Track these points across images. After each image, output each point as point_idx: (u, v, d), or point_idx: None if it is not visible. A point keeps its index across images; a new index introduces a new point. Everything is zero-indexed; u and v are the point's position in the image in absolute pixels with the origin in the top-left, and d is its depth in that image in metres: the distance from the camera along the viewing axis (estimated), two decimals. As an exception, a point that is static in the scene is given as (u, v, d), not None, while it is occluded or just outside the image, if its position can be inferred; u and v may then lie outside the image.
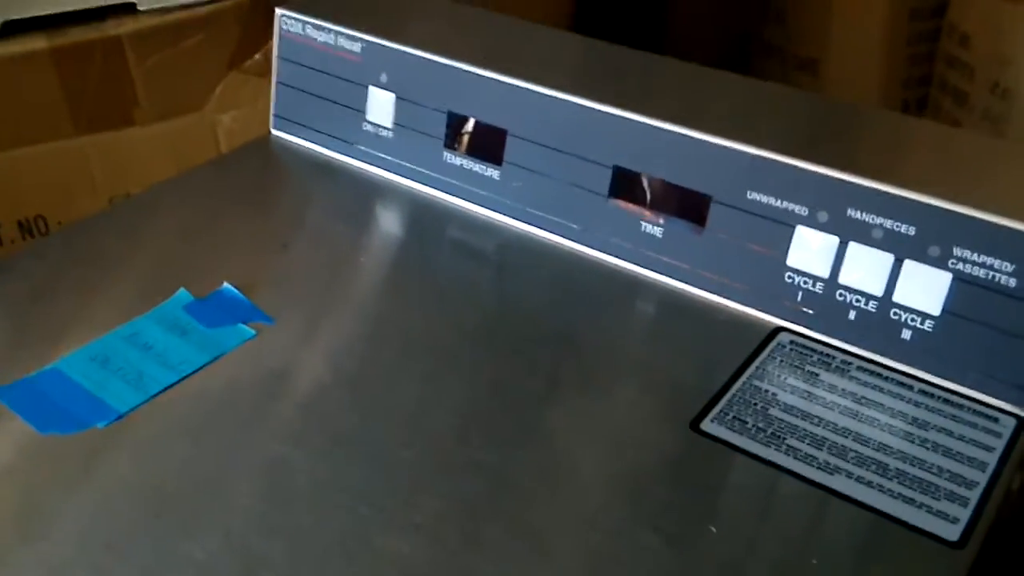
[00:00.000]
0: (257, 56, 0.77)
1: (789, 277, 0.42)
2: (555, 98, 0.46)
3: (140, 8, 0.74)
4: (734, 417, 0.38)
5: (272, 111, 0.57)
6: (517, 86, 0.47)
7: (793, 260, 0.42)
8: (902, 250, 0.39)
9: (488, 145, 0.49)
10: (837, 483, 0.35)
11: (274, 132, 0.57)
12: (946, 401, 0.38)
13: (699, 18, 1.22)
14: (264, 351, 0.41)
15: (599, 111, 0.45)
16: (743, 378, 0.40)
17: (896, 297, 0.39)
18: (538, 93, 0.47)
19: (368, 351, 0.41)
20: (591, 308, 0.44)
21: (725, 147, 0.42)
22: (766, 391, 0.39)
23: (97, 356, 0.41)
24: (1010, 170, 0.42)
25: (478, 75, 0.48)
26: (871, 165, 0.40)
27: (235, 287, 0.45)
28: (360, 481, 0.35)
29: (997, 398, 0.38)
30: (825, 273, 0.41)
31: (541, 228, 0.48)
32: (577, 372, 0.40)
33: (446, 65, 0.49)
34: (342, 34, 0.52)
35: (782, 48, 1.05)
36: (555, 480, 0.35)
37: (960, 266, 0.38)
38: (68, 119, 0.76)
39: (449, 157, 0.50)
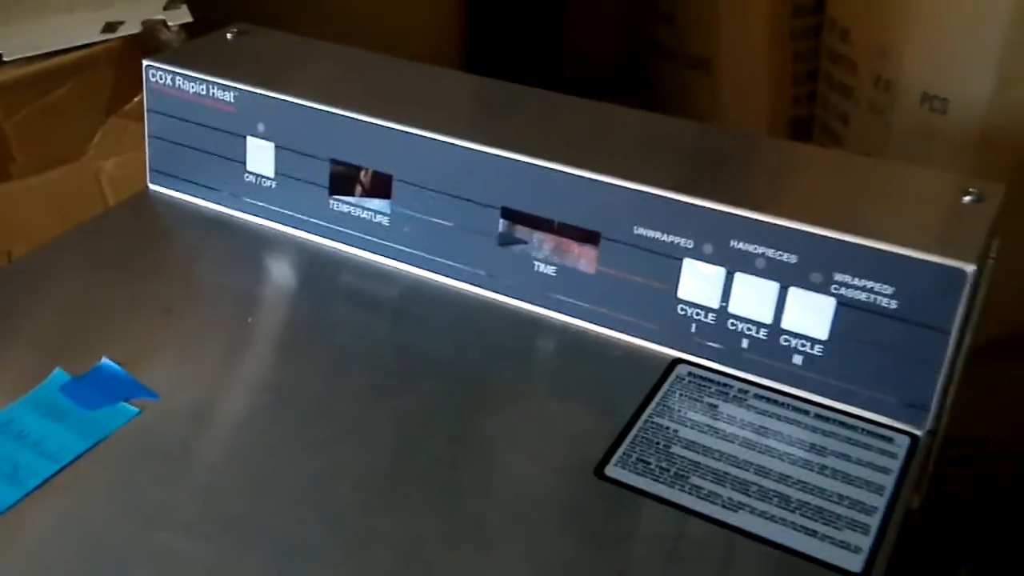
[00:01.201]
0: (136, 100, 0.74)
1: (682, 309, 0.42)
2: (437, 141, 0.46)
3: (5, 59, 0.70)
4: (638, 459, 0.38)
5: (148, 165, 0.54)
6: (398, 130, 0.46)
7: (684, 292, 0.42)
8: (786, 278, 0.39)
9: (375, 191, 0.48)
10: (742, 520, 0.35)
11: (152, 187, 0.55)
12: (841, 424, 0.39)
13: (595, 25, 1.22)
14: (148, 430, 0.39)
15: (483, 152, 0.45)
16: (644, 416, 0.39)
17: (784, 324, 0.40)
18: (420, 136, 0.46)
19: (260, 422, 0.40)
20: (491, 354, 0.43)
21: (610, 184, 0.42)
22: (667, 428, 0.39)
23: (-33, 452, 0.39)
24: (886, 193, 0.43)
25: (358, 120, 0.47)
26: (752, 197, 0.41)
27: (115, 361, 0.43)
28: (258, 568, 0.33)
29: (889, 417, 0.39)
30: (715, 303, 0.41)
31: (435, 272, 0.47)
32: (480, 428, 0.39)
33: (324, 111, 0.48)
34: (214, 84, 0.50)
35: (674, 49, 1.06)
36: (462, 547, 0.34)
37: (842, 291, 0.38)
38: (-62, 178, 0.72)
39: (335, 204, 0.49)
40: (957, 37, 0.70)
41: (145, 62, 0.52)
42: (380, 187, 0.48)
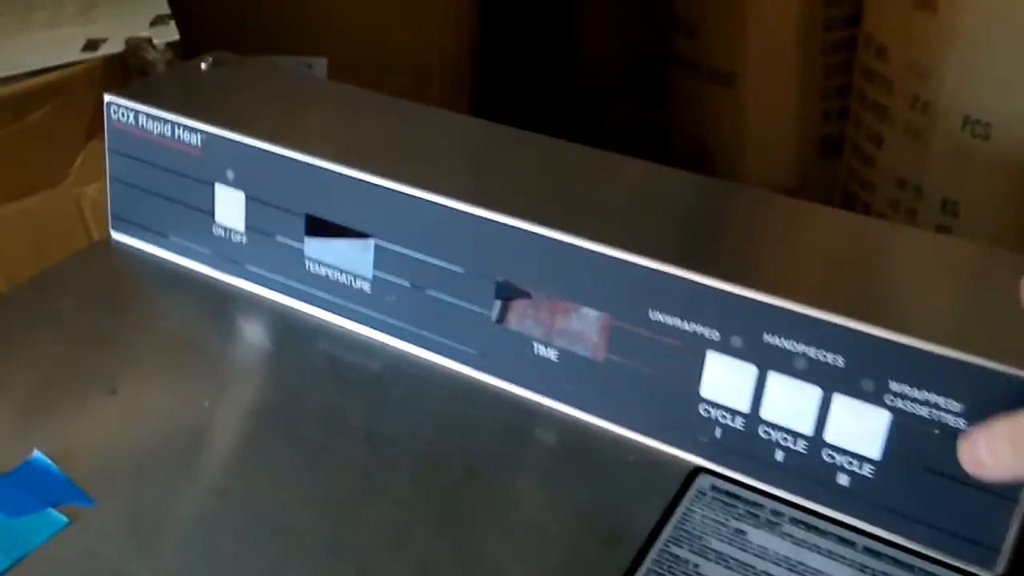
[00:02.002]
0: (120, 121, 0.68)
1: (704, 410, 0.36)
2: (426, 200, 0.40)
3: (-22, 79, 0.65)
4: (648, 602, 0.31)
5: (109, 210, 0.49)
6: (382, 186, 0.40)
7: (707, 390, 0.35)
8: (831, 383, 0.33)
9: (354, 254, 0.42)
10: None
11: (114, 235, 0.49)
12: (895, 561, 0.32)
13: (609, 35, 1.17)
14: (78, 547, 0.34)
15: (478, 216, 0.39)
16: (659, 544, 0.33)
17: (828, 436, 0.33)
18: (406, 195, 0.40)
19: (204, 538, 0.34)
20: (479, 453, 0.37)
21: (622, 260, 0.36)
22: (687, 562, 0.33)
23: None
24: (947, 280, 0.36)
25: (337, 173, 0.41)
26: (790, 281, 0.34)
27: (48, 455, 0.37)
28: None
29: (953, 556, 0.32)
30: (744, 407, 0.35)
31: (421, 347, 0.41)
32: (461, 552, 0.33)
33: (299, 161, 0.42)
34: (180, 125, 0.44)
35: (696, 61, 1.01)
36: None
37: (899, 403, 0.32)
38: (-93, 205, 0.67)
39: (312, 266, 0.43)
40: (1002, 58, 0.65)
41: (106, 97, 0.46)
42: (360, 250, 0.42)
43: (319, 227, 0.43)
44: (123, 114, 0.46)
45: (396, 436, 0.38)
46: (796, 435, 0.34)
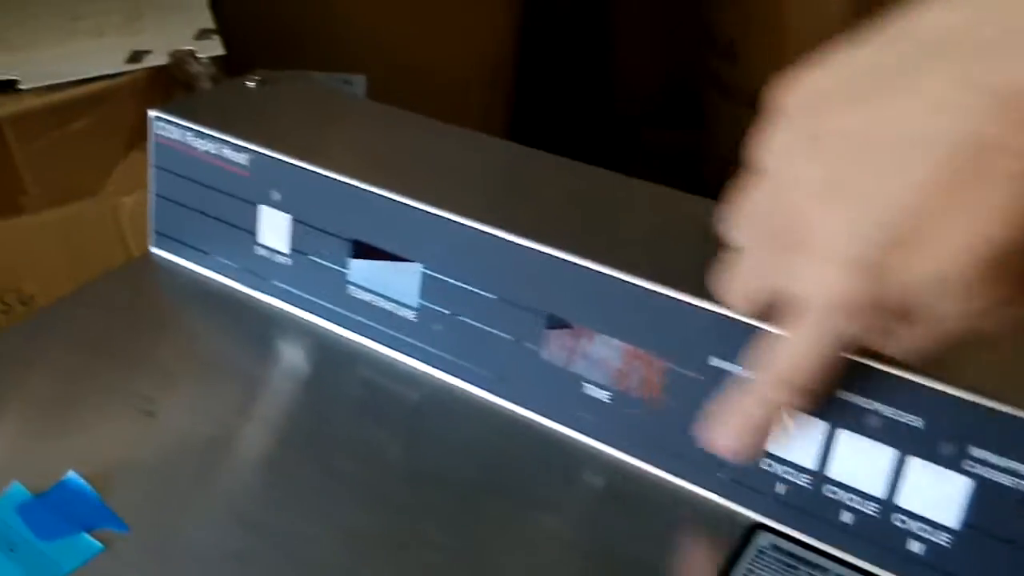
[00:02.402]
0: (161, 133, 0.67)
1: (767, 465, 0.34)
2: (477, 231, 0.38)
3: (22, 87, 0.65)
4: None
5: (151, 226, 0.48)
6: (431, 214, 0.39)
7: (772, 445, 0.34)
8: (906, 445, 0.31)
9: (400, 281, 0.41)
10: None
11: (154, 250, 0.48)
12: (967, 637, 0.30)
13: (643, 56, 1.16)
14: (109, 575, 0.32)
15: (531, 249, 0.37)
16: (713, 604, 0.31)
17: (901, 501, 0.32)
18: (456, 223, 0.39)
19: (241, 573, 0.33)
20: (523, 495, 0.36)
21: (684, 303, 0.34)
22: (742, 626, 0.31)
23: None
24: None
25: (386, 198, 0.40)
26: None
27: (83, 476, 0.36)
28: None
29: (1031, 634, 0.30)
30: (811, 463, 0.33)
31: (465, 380, 0.40)
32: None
33: (347, 185, 0.41)
34: (227, 143, 0.43)
35: (734, 85, 0.99)
36: None
37: (979, 469, 0.30)
38: (-56, 209, 0.66)
39: (356, 292, 0.42)
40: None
41: (151, 112, 0.45)
42: (406, 277, 0.40)
43: (364, 252, 0.41)
44: (168, 130, 0.45)
45: (435, 474, 0.37)
46: (866, 497, 0.32)
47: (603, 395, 0.37)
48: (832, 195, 0.24)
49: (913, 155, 0.23)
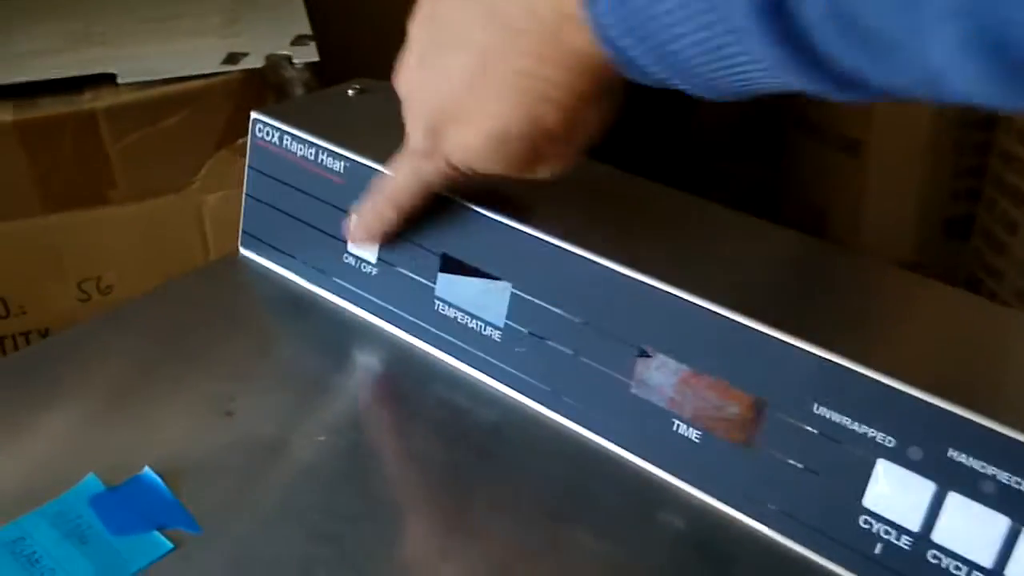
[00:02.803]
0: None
1: (865, 522, 0.32)
2: (570, 253, 0.37)
3: (120, 81, 0.66)
4: None
5: (241, 227, 0.48)
6: (524, 232, 0.38)
7: (872, 501, 0.32)
8: (1022, 513, 0.29)
9: (487, 299, 0.40)
10: None
11: (242, 251, 0.48)
12: None
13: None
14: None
15: (626, 276, 0.36)
16: (800, 664, 0.30)
17: (1010, 572, 0.30)
18: (550, 244, 0.38)
19: (311, 587, 0.32)
20: (600, 532, 0.34)
21: (790, 345, 0.33)
22: None
23: (-36, 573, 0.32)
24: None
25: (478, 214, 0.39)
26: (983, 392, 0.31)
27: (158, 473, 0.36)
28: None
29: None
30: (914, 525, 0.31)
31: (546, 406, 0.39)
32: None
33: (440, 198, 0.40)
34: (325, 150, 0.43)
35: (820, 125, 0.98)
36: None
37: (1105, 548, 0.28)
38: (36, 197, 0.68)
39: (441, 307, 0.41)
40: None
41: (253, 115, 0.46)
42: (494, 295, 0.40)
43: (453, 268, 0.41)
44: (268, 132, 0.45)
45: (513, 502, 0.36)
46: (972, 566, 0.30)
47: (693, 434, 0.35)
48: (422, 72, 0.34)
49: (459, 55, 0.31)
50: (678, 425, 0.36)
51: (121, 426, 0.38)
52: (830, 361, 0.32)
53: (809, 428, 0.33)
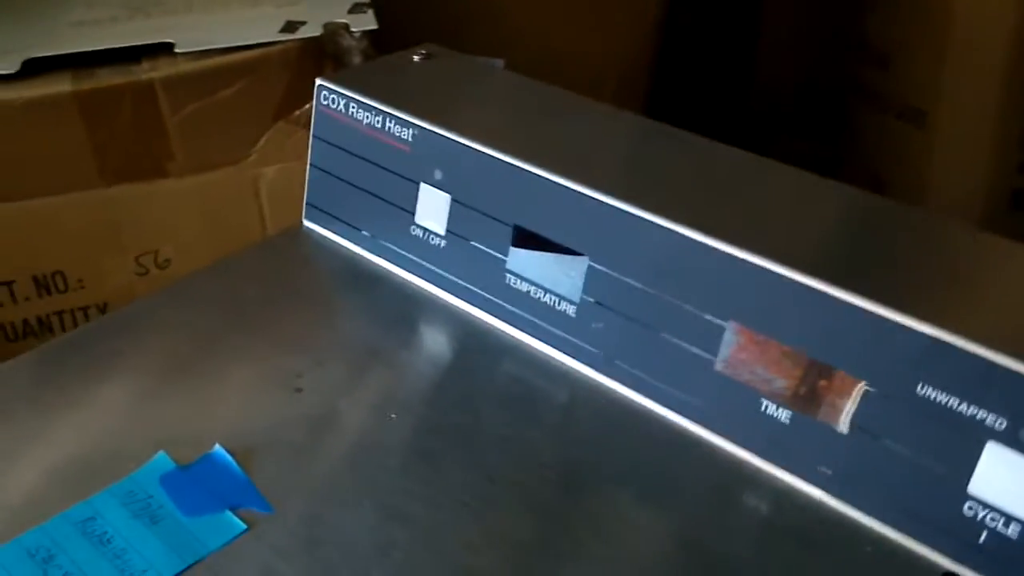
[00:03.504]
0: (307, 106, 0.67)
1: (970, 508, 0.30)
2: (651, 223, 0.36)
3: (177, 50, 0.65)
4: None
5: (305, 199, 0.47)
6: (602, 202, 0.37)
7: (977, 487, 0.30)
8: None
9: (562, 273, 0.38)
10: None
11: (306, 223, 0.47)
12: None
13: (787, 59, 1.12)
14: (253, 558, 0.31)
15: (711, 248, 0.34)
16: (903, 657, 0.28)
17: None
18: (629, 214, 0.36)
19: (392, 569, 0.31)
20: (685, 522, 0.33)
21: (892, 321, 0.31)
22: None
23: (38, 551, 0.31)
24: None
25: (553, 183, 0.38)
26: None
27: (229, 450, 0.35)
28: None
29: None
30: (1022, 513, 0.29)
31: (625, 385, 0.37)
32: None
33: (514, 167, 0.39)
34: (392, 117, 0.42)
35: (885, 95, 0.95)
36: None
37: None
38: (94, 168, 0.68)
39: (513, 281, 0.40)
40: None
41: (318, 81, 0.44)
42: (571, 269, 0.38)
43: (526, 240, 0.39)
44: (333, 100, 0.44)
45: (591, 482, 0.34)
46: (1091, 557, 0.28)
47: (784, 415, 0.34)
48: None
49: None
50: (767, 405, 0.34)
51: (187, 402, 0.38)
52: (936, 338, 0.30)
53: (912, 409, 0.31)
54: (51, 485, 0.34)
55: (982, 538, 0.30)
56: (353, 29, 0.66)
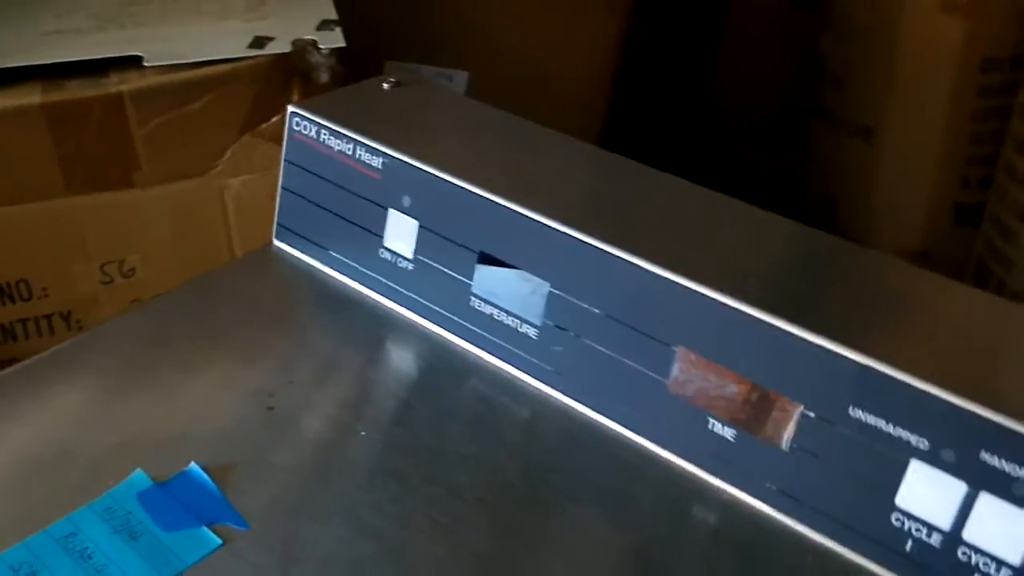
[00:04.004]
0: (274, 119, 0.69)
1: (897, 519, 0.33)
2: (609, 254, 0.38)
3: (146, 64, 0.66)
4: None
5: (276, 219, 0.48)
6: (564, 233, 0.39)
7: (904, 500, 0.33)
8: (1056, 518, 0.30)
9: (525, 297, 0.40)
10: None
11: (276, 243, 0.48)
12: None
13: (748, 77, 1.15)
14: (229, 573, 0.33)
15: (663, 278, 0.37)
16: (835, 660, 0.31)
17: (1042, 573, 0.30)
18: (589, 245, 0.38)
19: (359, 582, 0.33)
20: (639, 529, 0.35)
21: (827, 350, 0.33)
22: None
23: (20, 567, 0.33)
24: None
25: (517, 213, 0.40)
26: (1011, 394, 0.31)
27: (204, 468, 0.37)
28: None
29: None
30: (945, 524, 0.32)
31: (583, 404, 0.40)
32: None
33: (480, 196, 0.41)
34: (362, 145, 0.44)
35: (838, 114, 0.99)
36: None
37: None
38: (61, 178, 0.68)
39: (478, 304, 0.42)
40: None
41: (290, 108, 0.46)
42: (532, 295, 0.40)
43: (491, 265, 0.41)
44: (305, 126, 0.46)
45: (552, 499, 0.37)
46: (1002, 563, 0.31)
47: (729, 433, 0.36)
48: None
49: None
50: (713, 424, 0.37)
51: (163, 420, 0.39)
52: (864, 365, 0.33)
53: (844, 430, 0.33)
54: (31, 502, 0.35)
55: (908, 546, 0.33)
56: (321, 46, 0.67)
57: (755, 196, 0.43)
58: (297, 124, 0.46)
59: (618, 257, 0.38)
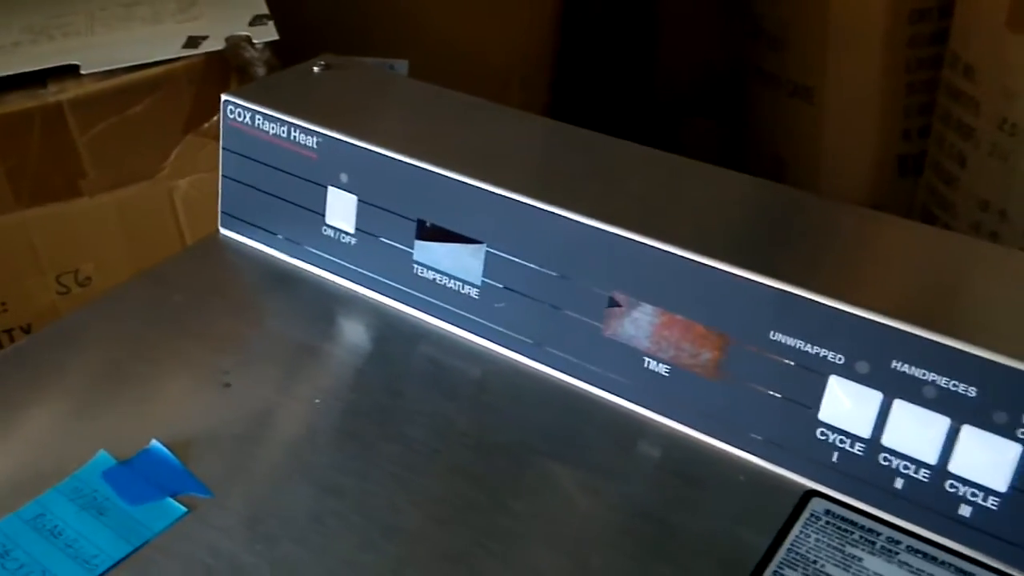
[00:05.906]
0: (215, 118, 0.70)
1: (822, 434, 0.35)
2: (540, 210, 0.40)
3: (83, 72, 0.67)
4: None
5: (220, 207, 0.50)
6: (496, 194, 0.41)
7: (827, 414, 0.35)
8: (960, 413, 0.32)
9: (464, 260, 0.42)
10: None
11: (222, 231, 0.50)
12: (1018, 598, 0.32)
13: (686, 44, 1.17)
14: (197, 537, 0.34)
15: (593, 228, 0.39)
16: (773, 565, 0.33)
17: (952, 467, 0.33)
18: (520, 203, 0.40)
19: (325, 535, 0.35)
20: (584, 468, 0.37)
21: (745, 279, 0.36)
22: (800, 585, 0.32)
23: (-6, 549, 0.34)
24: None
25: (451, 179, 0.42)
26: (924, 308, 0.34)
27: (165, 444, 0.38)
28: None
29: (1080, 596, 0.31)
30: (865, 432, 0.34)
31: (528, 357, 0.42)
32: (576, 566, 0.33)
33: (414, 166, 0.42)
34: (296, 127, 0.45)
35: (777, 75, 1.01)
36: None
37: (1034, 438, 0.31)
38: (8, 192, 0.69)
39: (420, 271, 0.44)
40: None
41: (224, 97, 0.47)
42: (471, 256, 0.42)
43: (429, 232, 0.43)
44: (239, 114, 0.47)
45: (504, 445, 0.38)
46: (919, 464, 0.33)
47: (663, 369, 0.38)
48: None
49: None
50: (648, 362, 0.39)
51: (123, 404, 0.40)
52: (781, 290, 0.35)
53: (767, 354, 0.36)
54: (1, 489, 0.36)
55: (834, 458, 0.35)
56: (255, 41, 0.68)
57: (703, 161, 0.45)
58: (231, 112, 0.47)
59: (547, 211, 0.39)
